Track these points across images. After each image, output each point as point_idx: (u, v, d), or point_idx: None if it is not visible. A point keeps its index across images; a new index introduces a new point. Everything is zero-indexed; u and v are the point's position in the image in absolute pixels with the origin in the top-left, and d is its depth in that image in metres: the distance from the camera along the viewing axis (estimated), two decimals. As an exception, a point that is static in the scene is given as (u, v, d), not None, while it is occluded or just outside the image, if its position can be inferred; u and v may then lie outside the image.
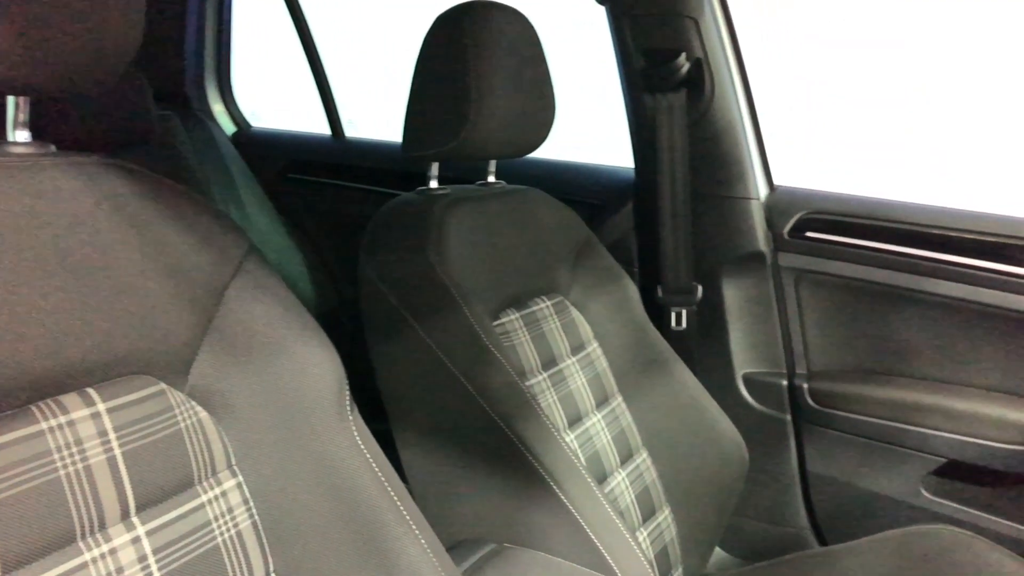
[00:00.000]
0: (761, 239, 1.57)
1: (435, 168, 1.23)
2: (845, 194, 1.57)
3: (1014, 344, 1.42)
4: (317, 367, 0.69)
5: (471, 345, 1.05)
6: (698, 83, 1.54)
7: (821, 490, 1.59)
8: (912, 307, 1.48)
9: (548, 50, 1.27)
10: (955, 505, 1.48)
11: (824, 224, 1.54)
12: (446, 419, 1.08)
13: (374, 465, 0.69)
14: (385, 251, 1.13)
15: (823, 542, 1.61)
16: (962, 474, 1.47)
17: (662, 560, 1.28)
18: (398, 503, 0.70)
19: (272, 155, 2.24)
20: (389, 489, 0.70)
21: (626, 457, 1.29)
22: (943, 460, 1.46)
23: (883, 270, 1.48)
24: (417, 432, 1.11)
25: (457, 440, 1.07)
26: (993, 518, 1.45)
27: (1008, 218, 1.43)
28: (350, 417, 0.70)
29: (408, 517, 0.70)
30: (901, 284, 1.47)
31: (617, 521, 1.02)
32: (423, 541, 0.70)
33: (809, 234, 1.55)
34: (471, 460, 1.05)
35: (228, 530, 0.64)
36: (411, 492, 0.75)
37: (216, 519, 0.64)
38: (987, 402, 1.43)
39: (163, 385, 0.63)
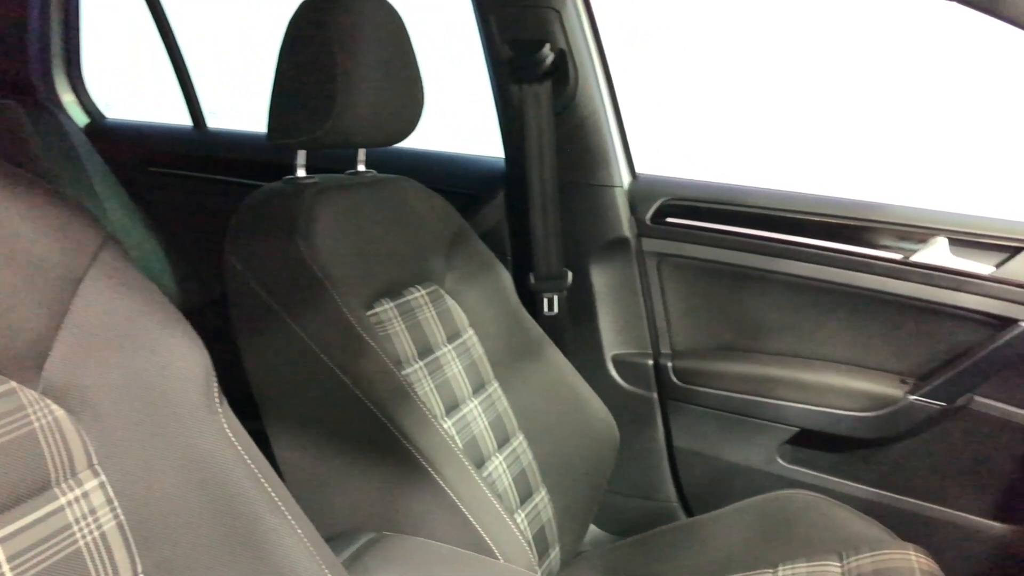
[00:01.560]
0: (625, 225, 1.62)
1: (302, 156, 1.21)
2: (702, 181, 1.65)
3: (855, 319, 1.53)
4: (182, 359, 0.67)
5: (344, 335, 1.04)
6: (562, 73, 1.57)
7: (687, 464, 1.67)
8: (765, 286, 1.57)
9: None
10: (807, 471, 1.59)
11: (683, 210, 1.61)
12: (321, 411, 1.07)
13: (246, 457, 0.68)
14: (252, 241, 1.10)
15: (690, 513, 1.69)
16: (812, 441, 1.58)
17: (540, 540, 1.32)
18: (272, 494, 0.69)
19: (130, 147, 2.14)
20: (263, 481, 0.69)
21: (503, 441, 1.32)
22: (795, 429, 1.56)
23: (738, 252, 1.57)
24: (291, 426, 1.09)
25: (333, 432, 1.06)
26: (840, 480, 1.57)
27: (849, 201, 1.54)
28: (219, 409, 0.69)
29: (283, 508, 0.69)
30: (754, 265, 1.56)
31: (495, 503, 1.04)
32: (300, 531, 0.70)
33: (669, 219, 1.62)
34: (348, 451, 1.05)
35: (91, 532, 0.62)
36: (287, 487, 0.74)
37: (77, 521, 0.61)
38: (833, 373, 1.54)
39: (13, 383, 0.60)
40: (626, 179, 1.65)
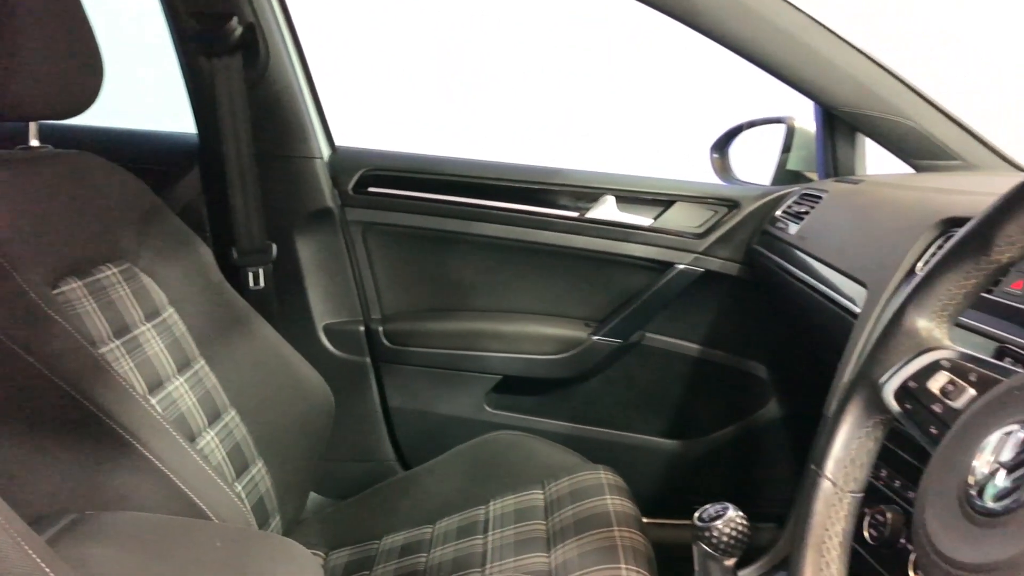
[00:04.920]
0: (328, 196, 1.65)
1: None
2: (400, 152, 1.72)
3: (543, 272, 1.69)
4: None
5: (28, 314, 0.97)
6: (253, 47, 1.56)
7: (402, 422, 1.74)
8: (464, 248, 1.68)
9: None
10: (512, 414, 1.73)
11: (384, 179, 1.67)
12: (6, 397, 0.99)
13: None
14: None
15: (407, 468, 1.77)
16: (514, 387, 1.72)
17: (259, 511, 1.31)
18: None
19: None
20: None
21: (214, 417, 1.30)
22: (499, 377, 1.70)
23: (437, 218, 1.66)
24: None
25: (22, 417, 0.99)
26: (541, 419, 1.73)
27: (532, 167, 1.69)
28: None
29: None
30: (453, 229, 1.66)
31: (208, 470, 1.03)
32: None
33: (371, 189, 1.67)
34: (41, 434, 0.98)
35: None
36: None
37: None
38: (528, 323, 1.70)
39: None
40: (325, 151, 1.68)
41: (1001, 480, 0.48)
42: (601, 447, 1.70)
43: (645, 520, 1.30)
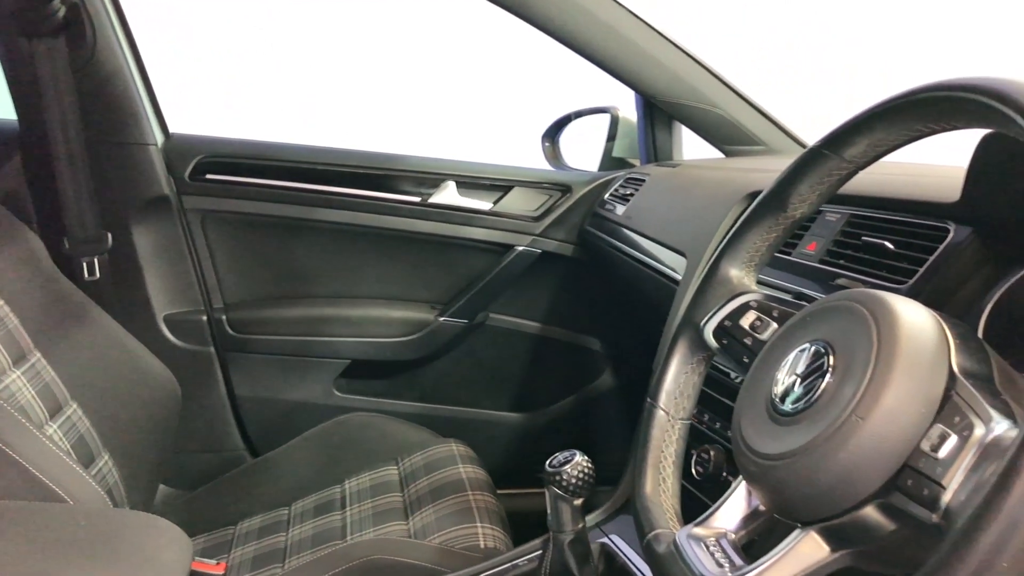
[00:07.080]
0: (164, 183, 1.61)
1: None
2: (237, 139, 1.70)
3: (388, 257, 1.73)
4: None
5: None
6: (78, 28, 1.51)
7: (250, 410, 1.73)
8: (308, 234, 1.70)
9: None
10: (362, 397, 1.76)
11: (222, 166, 1.66)
12: None
13: None
14: None
15: (257, 457, 1.76)
16: (364, 370, 1.75)
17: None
18: None
19: None
20: None
21: (55, 411, 1.26)
22: (348, 361, 1.72)
23: (279, 204, 1.66)
24: None
25: None
26: (393, 401, 1.77)
27: (374, 153, 1.73)
28: None
29: None
30: (296, 215, 1.67)
31: (61, 455, 1.01)
32: None
33: (209, 176, 1.65)
34: None
35: None
36: None
37: None
38: (375, 307, 1.73)
39: None
40: (159, 137, 1.64)
41: (797, 388, 0.58)
42: (451, 424, 1.76)
43: (497, 492, 1.37)
